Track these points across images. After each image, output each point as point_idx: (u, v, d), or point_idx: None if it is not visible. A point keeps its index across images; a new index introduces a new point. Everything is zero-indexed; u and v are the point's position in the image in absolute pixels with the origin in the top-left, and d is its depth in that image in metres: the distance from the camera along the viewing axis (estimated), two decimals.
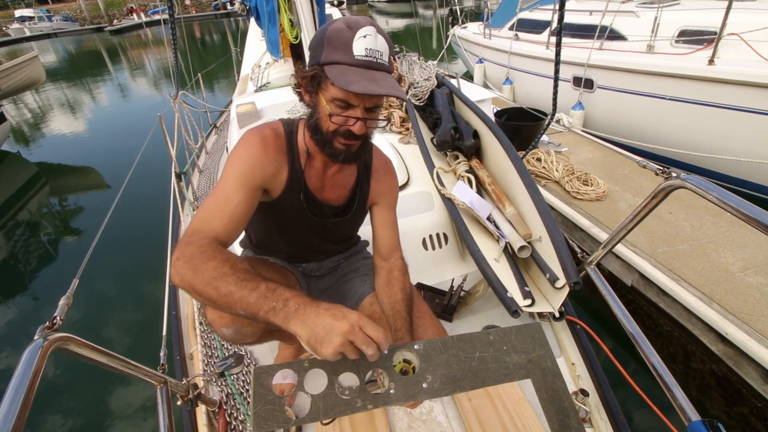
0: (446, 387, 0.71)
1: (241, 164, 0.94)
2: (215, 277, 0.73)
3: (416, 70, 2.58)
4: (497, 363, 0.73)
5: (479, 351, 0.74)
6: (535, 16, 6.13)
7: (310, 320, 0.68)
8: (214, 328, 0.98)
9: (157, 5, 34.05)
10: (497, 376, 0.72)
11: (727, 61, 3.57)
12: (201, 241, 0.81)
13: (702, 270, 2.23)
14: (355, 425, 1.20)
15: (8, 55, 22.30)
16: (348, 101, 0.87)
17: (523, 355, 0.74)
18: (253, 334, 1.01)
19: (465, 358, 0.74)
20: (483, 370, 0.73)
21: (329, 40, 0.85)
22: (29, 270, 4.07)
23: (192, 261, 0.76)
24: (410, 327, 1.04)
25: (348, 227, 1.25)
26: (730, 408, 2.03)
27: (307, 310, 0.69)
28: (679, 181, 0.95)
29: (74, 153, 7.35)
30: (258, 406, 0.67)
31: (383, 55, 0.86)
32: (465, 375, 0.72)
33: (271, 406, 0.68)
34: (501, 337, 0.76)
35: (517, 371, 0.73)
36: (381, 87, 0.83)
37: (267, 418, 0.67)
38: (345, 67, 0.83)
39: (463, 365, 0.73)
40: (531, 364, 0.74)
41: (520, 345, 0.75)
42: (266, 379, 0.70)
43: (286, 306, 0.70)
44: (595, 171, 3.32)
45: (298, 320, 0.68)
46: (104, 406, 2.48)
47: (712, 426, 0.85)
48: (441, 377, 0.71)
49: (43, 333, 0.71)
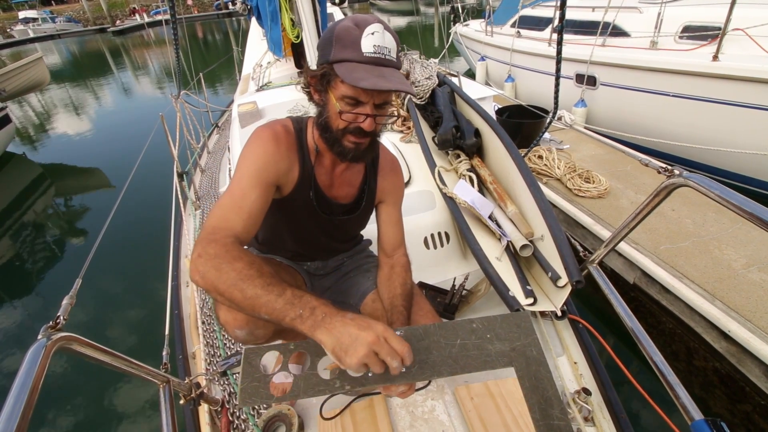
0: (424, 372, 0.71)
1: (256, 160, 0.94)
2: (241, 279, 0.73)
3: (417, 68, 2.58)
4: (479, 350, 0.73)
5: (461, 338, 0.75)
6: (537, 12, 6.10)
7: (336, 329, 0.68)
8: (227, 330, 0.98)
9: (159, 6, 34.10)
10: (477, 363, 0.72)
11: (731, 56, 3.53)
12: (224, 240, 0.80)
13: (705, 267, 2.22)
14: (357, 424, 1.20)
15: (12, 56, 22.45)
16: (358, 98, 0.87)
17: (507, 343, 0.74)
18: (265, 335, 1.02)
19: (446, 344, 0.74)
20: (463, 357, 0.73)
21: (338, 38, 0.85)
22: (33, 270, 4.10)
23: (216, 260, 0.76)
24: (406, 321, 1.04)
25: (355, 225, 1.25)
26: (734, 406, 2.02)
27: (334, 319, 0.69)
28: (681, 180, 0.95)
29: (78, 153, 7.39)
30: (245, 383, 0.71)
31: (391, 52, 0.87)
32: (444, 361, 0.72)
33: (256, 383, 0.71)
34: (485, 325, 0.76)
35: (499, 359, 0.73)
36: (390, 82, 0.83)
37: (252, 394, 0.70)
38: (354, 64, 0.84)
39: (443, 351, 0.73)
40: (514, 352, 0.73)
41: (504, 333, 0.75)
42: (254, 358, 0.74)
43: (313, 314, 0.70)
44: (597, 168, 3.31)
45: (324, 329, 0.69)
46: (107, 405, 2.49)
47: (715, 425, 0.84)
48: (419, 362, 0.72)
49: (46, 332, 0.72)
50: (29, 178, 6.49)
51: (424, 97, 2.38)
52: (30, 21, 34.63)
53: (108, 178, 6.15)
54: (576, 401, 1.20)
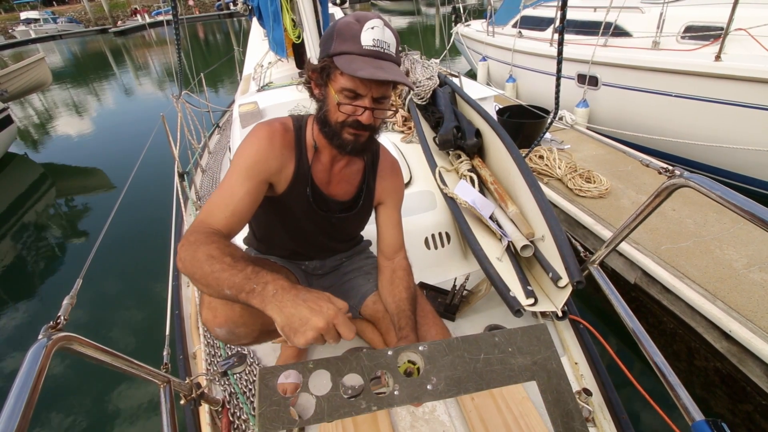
0: (450, 389, 0.71)
1: (247, 158, 0.96)
2: (211, 257, 0.76)
3: (418, 68, 2.57)
4: (502, 365, 0.73)
5: (484, 353, 0.74)
6: (538, 13, 6.08)
7: (286, 308, 0.69)
8: (208, 328, 0.99)
9: (160, 6, 34.14)
10: (502, 378, 0.72)
11: (734, 56, 3.52)
12: (205, 230, 0.85)
13: (706, 267, 2.21)
14: (358, 424, 1.20)
15: (14, 57, 22.41)
16: (356, 91, 0.88)
17: (528, 356, 0.74)
18: (247, 335, 1.01)
19: (470, 359, 0.73)
20: (488, 372, 0.72)
21: (338, 32, 0.87)
22: (34, 270, 4.11)
23: (194, 245, 0.79)
24: (414, 325, 1.04)
25: (353, 224, 1.25)
26: (735, 406, 2.01)
27: (285, 296, 0.70)
28: (682, 180, 0.94)
29: (80, 154, 7.39)
30: (263, 407, 0.68)
31: (390, 47, 0.88)
32: (470, 377, 0.72)
33: (276, 407, 0.68)
34: (506, 338, 0.76)
35: (523, 373, 0.73)
36: (387, 74, 0.84)
37: (272, 419, 0.67)
38: (353, 56, 0.85)
39: (468, 367, 0.73)
40: (536, 366, 0.73)
41: (525, 346, 0.75)
42: (271, 380, 0.70)
43: (264, 289, 0.71)
44: (598, 168, 3.31)
45: (275, 306, 0.70)
46: (108, 405, 2.50)
47: (716, 425, 0.84)
48: (446, 379, 0.71)
49: (47, 332, 0.72)
50: (31, 179, 6.50)
51: (425, 97, 2.38)
52: (32, 22, 34.69)
53: (109, 178, 6.16)
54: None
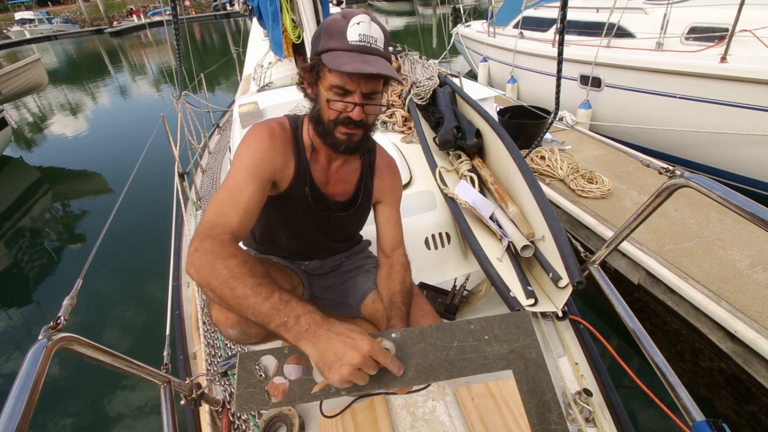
0: (419, 376, 0.71)
1: (251, 156, 0.95)
2: (233, 277, 0.73)
3: (418, 69, 2.57)
4: (476, 353, 0.72)
5: (458, 340, 0.73)
6: (540, 13, 6.07)
7: (320, 343, 0.67)
8: (219, 328, 0.98)
9: (157, 6, 34.12)
10: (475, 366, 0.71)
11: (739, 58, 3.49)
12: (221, 236, 0.81)
13: (709, 267, 2.20)
14: (358, 424, 1.20)
15: (9, 57, 22.21)
16: (345, 87, 0.88)
17: (505, 345, 0.72)
18: (257, 334, 1.01)
19: (442, 347, 0.73)
20: (460, 360, 0.71)
21: (326, 30, 0.88)
22: (33, 272, 4.11)
23: (211, 255, 0.76)
24: (405, 316, 1.04)
25: (352, 223, 1.25)
26: (740, 406, 2.00)
27: (318, 331, 0.68)
28: (683, 180, 0.94)
29: (77, 156, 7.30)
30: (241, 388, 0.71)
31: (378, 41, 0.88)
32: (440, 364, 0.71)
33: (252, 389, 0.71)
34: (483, 326, 0.74)
35: (497, 362, 0.71)
36: (373, 67, 0.84)
37: (248, 399, 0.70)
38: (339, 52, 0.85)
39: (440, 354, 0.72)
40: (513, 355, 0.72)
41: (503, 334, 0.73)
42: (250, 363, 0.73)
43: (297, 323, 0.69)
44: (599, 169, 3.30)
45: (308, 341, 0.68)
46: (108, 405, 2.50)
47: (717, 426, 0.84)
48: (415, 366, 0.71)
49: (47, 333, 0.72)
50: (27, 183, 6.40)
51: (426, 97, 2.38)
52: (26, 22, 34.22)
53: (107, 181, 6.09)
54: (577, 402, 1.20)
